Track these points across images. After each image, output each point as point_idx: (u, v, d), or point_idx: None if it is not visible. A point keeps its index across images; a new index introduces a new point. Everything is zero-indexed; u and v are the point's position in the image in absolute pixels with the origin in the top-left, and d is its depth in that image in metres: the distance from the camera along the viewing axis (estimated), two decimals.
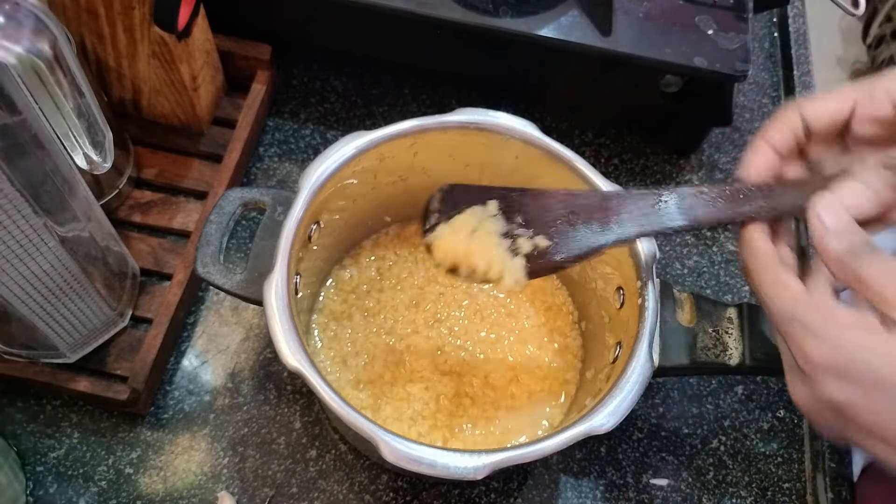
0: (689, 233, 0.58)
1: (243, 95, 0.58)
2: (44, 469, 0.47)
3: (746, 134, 0.65)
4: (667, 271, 0.58)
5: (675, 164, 0.63)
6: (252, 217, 0.56)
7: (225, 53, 0.57)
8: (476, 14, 0.51)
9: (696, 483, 0.51)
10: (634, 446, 0.51)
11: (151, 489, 0.47)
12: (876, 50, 1.60)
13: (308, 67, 0.63)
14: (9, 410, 0.48)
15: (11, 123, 0.34)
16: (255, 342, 0.52)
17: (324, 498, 0.48)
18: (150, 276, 0.52)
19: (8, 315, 0.41)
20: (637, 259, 0.42)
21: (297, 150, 0.60)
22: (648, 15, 0.53)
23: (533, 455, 0.36)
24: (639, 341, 0.40)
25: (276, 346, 0.38)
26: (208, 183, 0.54)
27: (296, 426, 0.50)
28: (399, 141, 0.45)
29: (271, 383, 0.51)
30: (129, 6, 0.46)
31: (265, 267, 0.40)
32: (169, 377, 0.50)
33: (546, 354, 0.51)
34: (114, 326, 0.48)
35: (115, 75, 0.52)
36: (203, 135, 0.56)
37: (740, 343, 0.42)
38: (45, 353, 0.46)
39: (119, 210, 0.53)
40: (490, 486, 0.49)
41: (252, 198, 0.44)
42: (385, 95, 0.63)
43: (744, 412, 0.53)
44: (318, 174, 0.43)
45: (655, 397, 0.53)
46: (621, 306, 0.45)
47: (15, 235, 0.36)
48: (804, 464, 0.52)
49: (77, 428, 0.48)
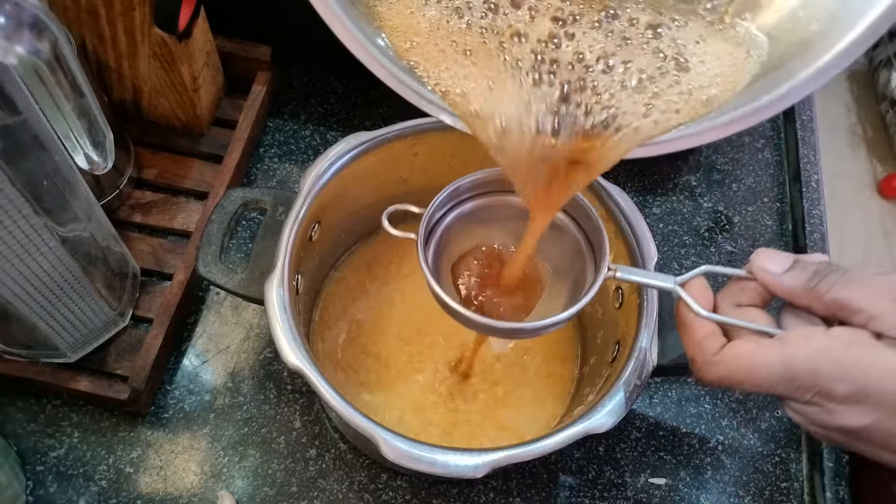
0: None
1: (244, 96, 0.58)
2: (44, 468, 0.47)
3: (744, 135, 0.66)
4: (665, 271, 0.58)
5: (673, 165, 0.63)
6: (252, 217, 0.57)
7: (225, 54, 0.57)
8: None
9: (694, 482, 0.51)
10: (633, 445, 0.51)
11: (152, 488, 0.47)
12: (874, 51, 1.60)
13: (308, 68, 0.64)
14: (9, 410, 0.48)
15: (12, 123, 0.34)
16: (255, 342, 0.52)
17: (324, 497, 0.48)
18: (151, 276, 0.52)
19: (8, 315, 0.41)
20: (636, 259, 0.43)
21: (298, 151, 0.60)
22: None
23: (532, 454, 0.36)
24: (637, 341, 0.40)
25: (277, 344, 0.38)
26: (209, 183, 0.54)
27: (296, 425, 0.50)
28: (399, 141, 0.45)
29: (271, 383, 0.51)
30: (130, 7, 0.46)
31: (266, 266, 0.41)
32: (169, 377, 0.50)
33: (547, 354, 0.51)
34: (114, 326, 0.48)
35: (116, 76, 0.52)
36: (203, 135, 0.57)
37: None
38: (45, 353, 0.46)
39: (120, 210, 0.53)
40: (489, 485, 0.49)
41: (253, 198, 0.44)
42: (385, 96, 0.63)
43: (741, 412, 0.53)
44: (319, 174, 0.43)
45: (654, 397, 0.53)
46: (620, 306, 0.45)
47: (16, 235, 0.36)
48: (802, 463, 0.52)
49: (77, 427, 0.48)
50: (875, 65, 1.60)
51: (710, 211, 0.62)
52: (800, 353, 0.30)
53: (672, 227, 0.61)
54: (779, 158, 0.65)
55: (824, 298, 0.30)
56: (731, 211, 0.62)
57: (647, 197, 0.62)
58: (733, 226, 0.61)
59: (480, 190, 0.40)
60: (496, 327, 0.36)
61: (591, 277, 0.38)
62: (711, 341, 0.33)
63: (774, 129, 0.66)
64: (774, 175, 0.64)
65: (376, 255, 0.53)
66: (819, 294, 0.31)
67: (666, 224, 0.61)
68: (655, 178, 0.63)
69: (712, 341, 0.33)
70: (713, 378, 0.32)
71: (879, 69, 1.58)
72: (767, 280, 0.32)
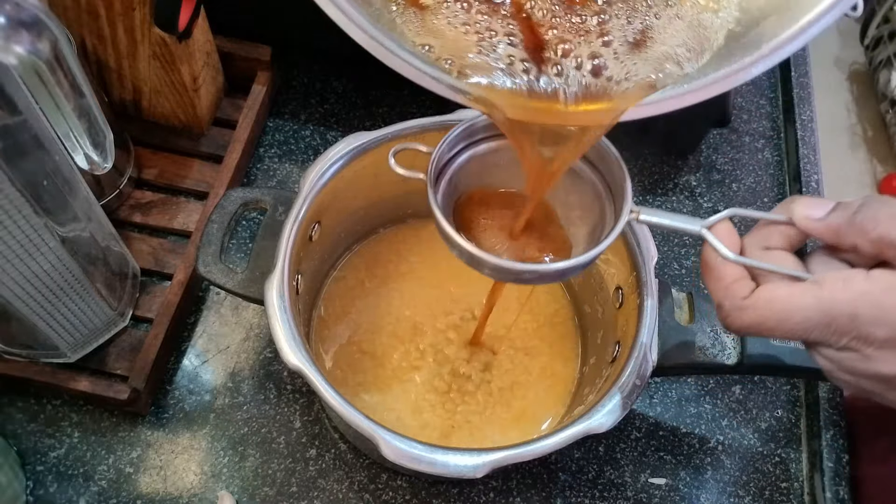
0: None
1: (244, 96, 0.58)
2: (44, 468, 0.47)
3: (744, 135, 0.66)
4: (665, 271, 0.59)
5: (672, 165, 0.63)
6: (252, 217, 0.57)
7: (225, 54, 0.57)
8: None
9: (693, 482, 0.51)
10: (633, 445, 0.51)
11: (152, 488, 0.47)
12: (874, 51, 1.60)
13: (308, 68, 0.64)
14: (9, 410, 0.48)
15: (12, 124, 0.34)
16: (255, 342, 0.52)
17: (324, 497, 0.48)
18: (151, 276, 0.52)
19: (8, 315, 0.41)
20: (636, 259, 0.43)
21: (298, 151, 0.60)
22: None
23: (532, 454, 0.36)
24: (637, 341, 0.40)
25: (277, 344, 0.38)
26: (209, 183, 0.54)
27: (296, 425, 0.50)
28: (399, 141, 0.45)
29: (271, 383, 0.51)
30: (130, 7, 0.46)
31: (266, 266, 0.41)
32: (169, 377, 0.50)
33: (547, 354, 0.51)
34: (114, 326, 0.48)
35: (116, 76, 0.52)
36: (203, 135, 0.57)
37: (738, 343, 0.42)
38: (45, 353, 0.46)
39: (120, 210, 0.53)
40: (489, 485, 0.49)
41: (253, 198, 0.44)
42: (385, 96, 0.63)
43: (741, 412, 0.53)
44: (319, 175, 0.43)
45: (654, 397, 0.53)
46: (620, 306, 0.45)
47: (16, 235, 0.37)
48: (802, 463, 0.52)
49: (77, 427, 0.48)
50: (875, 65, 1.60)
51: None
52: (838, 297, 0.29)
53: None
54: (779, 158, 0.65)
55: (871, 235, 0.29)
56: None
57: (647, 197, 0.62)
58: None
59: (495, 131, 0.38)
60: (514, 269, 0.34)
61: (611, 223, 0.36)
62: (741, 286, 0.31)
63: (774, 129, 0.67)
64: (774, 175, 0.64)
65: (376, 255, 0.53)
66: (866, 230, 0.29)
67: None
68: (655, 178, 0.63)
69: (742, 286, 0.31)
70: (743, 325, 0.31)
71: (879, 69, 1.58)
72: (810, 226, 0.31)
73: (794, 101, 0.66)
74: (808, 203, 0.31)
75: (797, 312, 0.29)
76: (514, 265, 0.34)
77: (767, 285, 0.31)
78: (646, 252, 0.43)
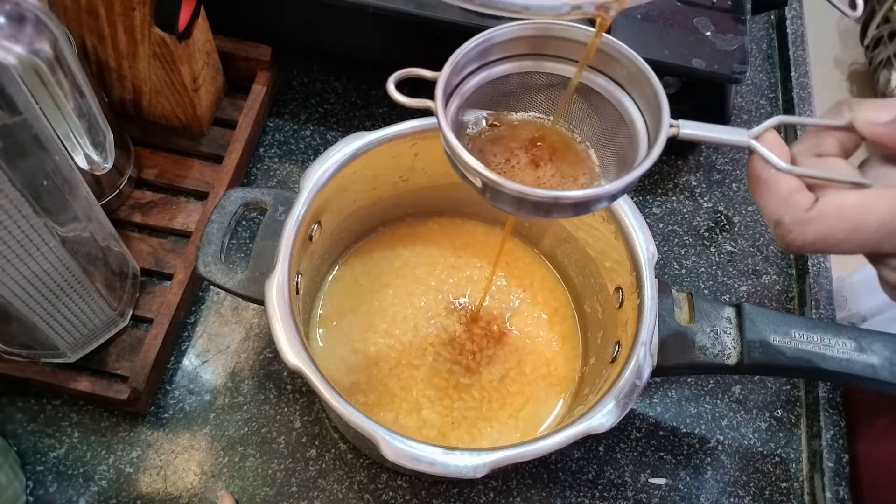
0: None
1: (244, 96, 0.58)
2: (44, 468, 0.47)
3: None
4: (665, 271, 0.59)
5: (672, 165, 0.63)
6: (252, 217, 0.57)
7: (225, 54, 0.57)
8: (474, 16, 0.51)
9: (693, 482, 0.51)
10: (633, 445, 0.51)
11: (152, 488, 0.47)
12: (873, 51, 1.60)
13: (308, 68, 0.64)
14: (9, 410, 0.48)
15: (12, 124, 0.34)
16: (255, 342, 0.52)
17: (323, 497, 0.48)
18: (151, 276, 0.52)
19: (8, 315, 0.41)
20: (636, 259, 0.43)
21: (298, 151, 0.60)
22: (647, 16, 0.53)
23: (532, 454, 0.36)
24: (637, 341, 0.40)
25: (277, 344, 0.38)
26: (209, 183, 0.54)
27: (296, 425, 0.50)
28: (399, 141, 0.45)
29: (271, 383, 0.51)
30: (130, 7, 0.46)
31: (266, 266, 0.41)
32: (169, 377, 0.50)
33: (547, 354, 0.51)
34: (114, 326, 0.48)
35: (116, 76, 0.52)
36: (203, 135, 0.57)
37: (738, 343, 0.42)
38: (45, 353, 0.46)
39: (120, 210, 0.53)
40: (489, 485, 0.49)
41: (253, 198, 0.44)
42: (385, 96, 0.63)
43: (741, 411, 0.53)
44: (319, 175, 0.43)
45: (654, 397, 0.53)
46: (620, 306, 0.45)
47: (15, 235, 0.37)
48: (802, 463, 0.52)
49: (77, 427, 0.48)
50: (875, 65, 1.60)
51: (710, 211, 0.62)
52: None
53: (672, 227, 0.61)
54: None
55: None
56: (731, 211, 0.62)
57: (647, 197, 0.62)
58: (733, 226, 0.61)
59: (512, 52, 0.34)
60: (536, 197, 0.29)
61: (643, 145, 0.32)
62: (802, 196, 0.29)
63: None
64: None
65: (374, 254, 0.53)
66: None
67: (666, 224, 0.61)
68: (655, 178, 0.63)
69: (803, 197, 0.29)
70: (807, 240, 0.28)
71: (879, 69, 1.58)
72: (875, 130, 0.29)
73: (794, 101, 0.66)
74: (872, 106, 0.29)
75: (872, 220, 0.28)
76: (540, 193, 0.30)
77: (834, 193, 0.28)
78: (646, 252, 0.43)
